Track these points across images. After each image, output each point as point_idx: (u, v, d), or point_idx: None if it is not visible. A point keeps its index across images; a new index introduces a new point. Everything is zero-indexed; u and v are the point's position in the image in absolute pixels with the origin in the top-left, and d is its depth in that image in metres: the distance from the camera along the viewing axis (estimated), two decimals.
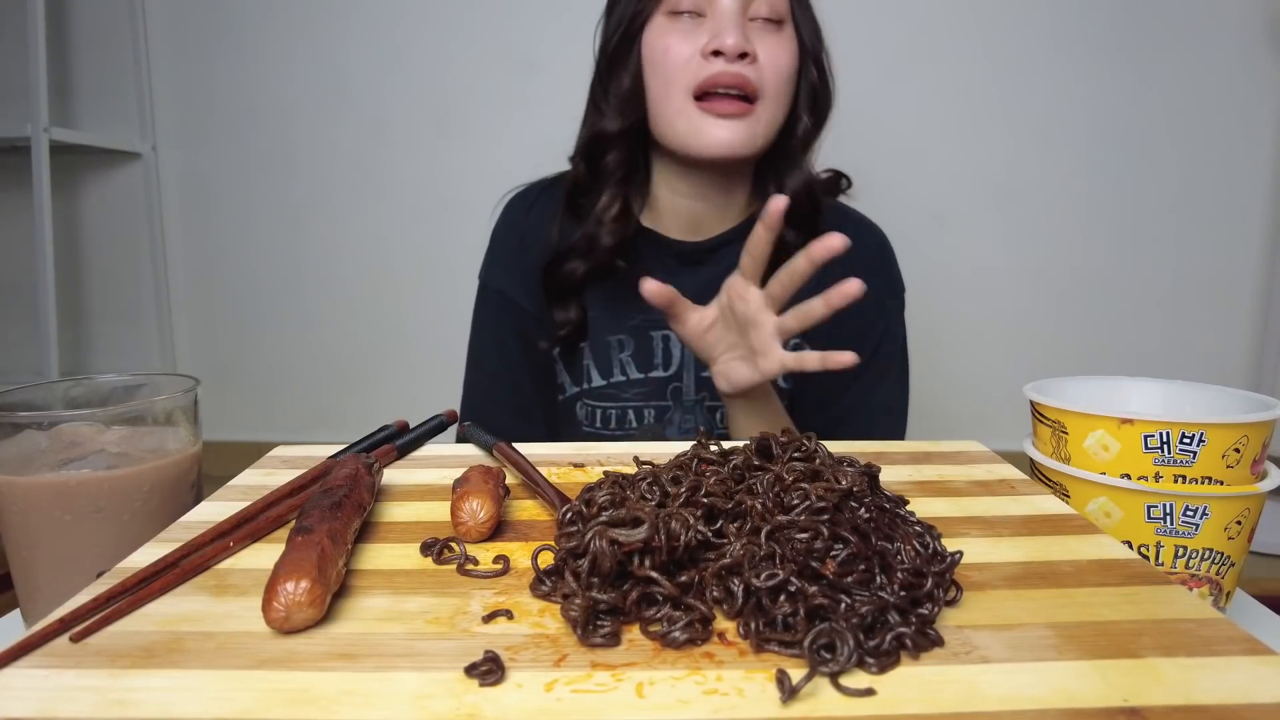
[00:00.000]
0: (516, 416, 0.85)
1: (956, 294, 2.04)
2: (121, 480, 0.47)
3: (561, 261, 0.81)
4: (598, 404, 0.84)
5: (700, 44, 0.72)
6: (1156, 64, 1.93)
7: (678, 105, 0.74)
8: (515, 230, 0.87)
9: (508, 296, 0.85)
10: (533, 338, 0.84)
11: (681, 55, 0.73)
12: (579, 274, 0.80)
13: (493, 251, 0.89)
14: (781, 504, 0.37)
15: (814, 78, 0.77)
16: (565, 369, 0.85)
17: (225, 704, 0.28)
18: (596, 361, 0.84)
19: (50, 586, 0.46)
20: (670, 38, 0.73)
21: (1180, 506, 0.45)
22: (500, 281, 0.87)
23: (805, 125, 0.78)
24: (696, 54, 0.72)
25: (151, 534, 0.43)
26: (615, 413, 0.83)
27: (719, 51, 0.71)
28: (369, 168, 2.09)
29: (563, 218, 0.83)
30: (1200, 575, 0.46)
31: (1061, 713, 0.27)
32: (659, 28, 0.75)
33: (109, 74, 2.07)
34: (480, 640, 0.32)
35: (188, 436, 0.52)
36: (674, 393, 0.82)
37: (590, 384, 0.84)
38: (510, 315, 0.85)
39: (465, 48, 2.01)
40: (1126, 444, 0.46)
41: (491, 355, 0.87)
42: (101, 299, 2.21)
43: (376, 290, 2.12)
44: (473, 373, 0.89)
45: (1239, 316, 2.02)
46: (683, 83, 0.73)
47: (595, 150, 0.80)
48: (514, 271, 0.86)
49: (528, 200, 0.88)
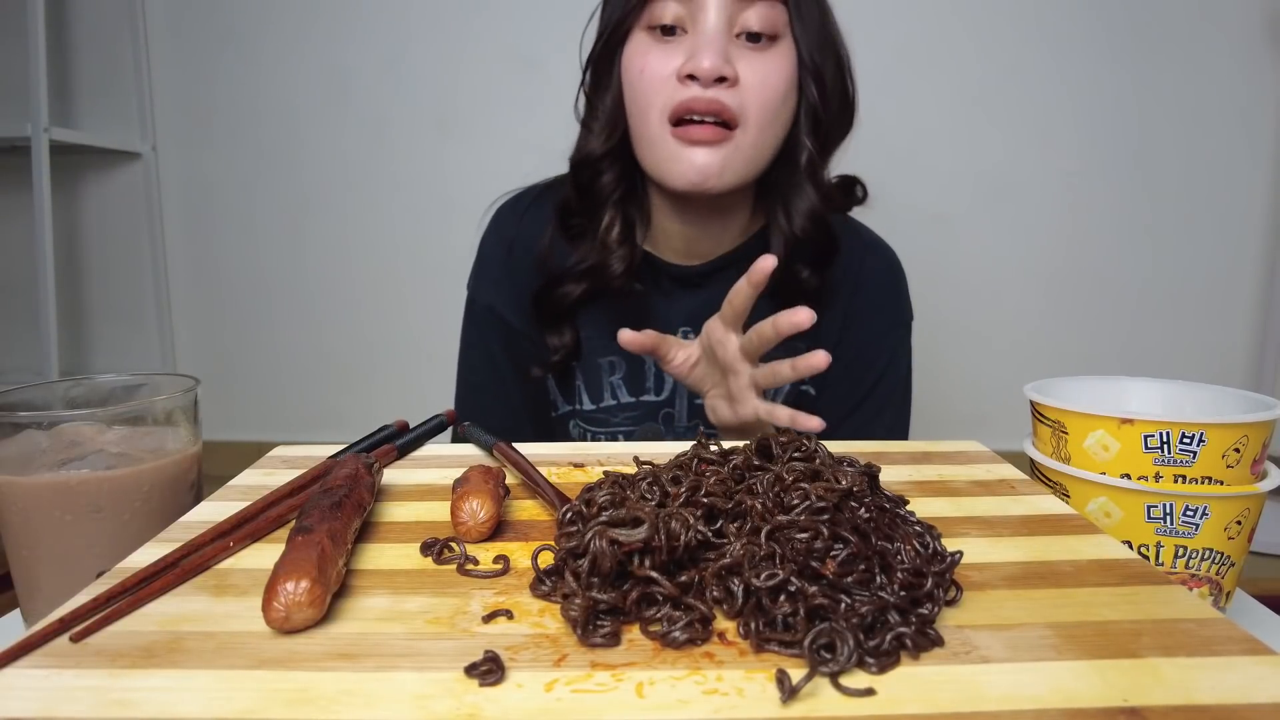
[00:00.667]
0: (508, 432, 0.83)
1: (956, 294, 2.04)
2: (121, 480, 0.47)
3: (557, 285, 0.77)
4: (589, 427, 0.81)
5: (678, 64, 0.66)
6: (1156, 64, 1.93)
7: (654, 130, 0.69)
8: (505, 240, 0.83)
9: (496, 312, 0.82)
10: (523, 358, 0.81)
11: (658, 76, 0.67)
12: (574, 297, 0.76)
13: (481, 263, 0.85)
14: (781, 504, 0.37)
15: (814, 97, 0.69)
16: (558, 386, 0.83)
17: (225, 704, 0.28)
18: (587, 385, 0.81)
19: (50, 586, 0.46)
20: (648, 56, 0.68)
21: (1180, 506, 0.45)
22: (489, 296, 0.83)
23: (809, 151, 0.71)
24: (674, 75, 0.66)
25: (151, 534, 0.43)
26: (604, 436, 0.81)
27: (695, 75, 0.65)
28: (370, 168, 2.09)
29: (555, 236, 0.79)
30: (1200, 575, 0.46)
31: (1061, 713, 0.27)
32: (638, 44, 0.69)
33: (109, 74, 2.07)
34: (480, 640, 0.32)
35: (187, 436, 0.52)
36: (665, 418, 0.80)
37: (581, 405, 0.81)
38: (499, 331, 0.82)
39: (465, 48, 2.01)
40: (1126, 444, 0.46)
41: (481, 369, 0.84)
42: (101, 299, 2.21)
43: (376, 290, 2.12)
44: (462, 386, 0.86)
45: (1238, 316, 2.02)
46: (658, 106, 0.67)
47: (586, 172, 0.75)
48: (503, 285, 0.83)
49: (519, 208, 0.84)
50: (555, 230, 0.79)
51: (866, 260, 0.79)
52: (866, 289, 0.78)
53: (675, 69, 0.66)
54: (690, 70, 0.65)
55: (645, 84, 0.68)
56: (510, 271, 0.82)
